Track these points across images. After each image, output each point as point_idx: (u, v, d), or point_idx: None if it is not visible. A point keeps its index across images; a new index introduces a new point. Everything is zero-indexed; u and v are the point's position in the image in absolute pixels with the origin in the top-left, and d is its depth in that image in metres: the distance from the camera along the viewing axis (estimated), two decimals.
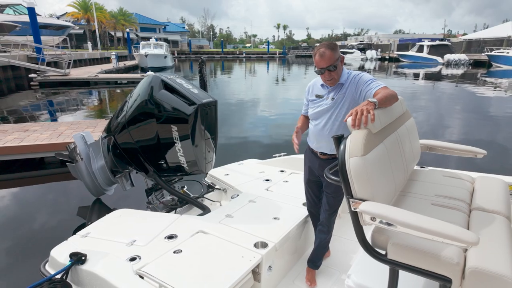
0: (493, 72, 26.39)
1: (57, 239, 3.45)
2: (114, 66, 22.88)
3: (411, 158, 1.92)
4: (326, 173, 1.56)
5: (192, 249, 2.06)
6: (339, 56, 1.89)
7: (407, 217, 1.20)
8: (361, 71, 1.96)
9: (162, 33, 63.29)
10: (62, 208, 4.19)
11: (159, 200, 3.18)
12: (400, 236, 1.34)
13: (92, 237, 2.31)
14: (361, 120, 1.46)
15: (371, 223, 1.31)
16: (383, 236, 1.40)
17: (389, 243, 1.35)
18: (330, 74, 1.89)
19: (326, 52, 1.85)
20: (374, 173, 1.39)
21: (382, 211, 1.25)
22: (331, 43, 1.90)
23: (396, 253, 1.33)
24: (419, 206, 1.62)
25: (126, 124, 2.94)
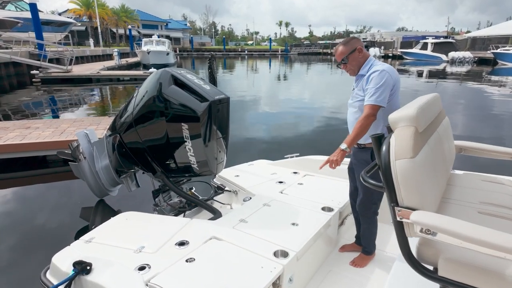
0: (499, 70, 26.09)
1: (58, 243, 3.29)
2: (116, 63, 22.72)
3: (450, 161, 1.75)
4: (363, 177, 1.39)
5: (205, 258, 1.90)
6: (353, 49, 2.07)
7: (472, 231, 1.03)
8: (379, 69, 1.97)
9: (164, 30, 63.02)
10: (64, 209, 4.04)
11: (166, 202, 3.02)
12: (454, 250, 1.17)
13: (97, 242, 2.15)
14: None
15: (421, 235, 1.14)
16: (431, 250, 1.23)
17: (441, 258, 1.18)
18: (345, 66, 2.14)
19: (338, 48, 2.12)
20: (423, 177, 1.21)
21: (442, 224, 1.07)
22: (346, 38, 2.14)
23: (450, 270, 1.16)
24: (465, 215, 1.45)
25: (133, 122, 2.77)
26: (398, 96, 2.08)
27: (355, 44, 2.09)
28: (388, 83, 1.93)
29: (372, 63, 2.07)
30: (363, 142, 2.15)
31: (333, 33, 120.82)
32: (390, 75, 1.94)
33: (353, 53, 2.08)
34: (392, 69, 2.00)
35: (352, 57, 2.09)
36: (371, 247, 2.38)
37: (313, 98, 13.26)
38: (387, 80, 1.92)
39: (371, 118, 1.95)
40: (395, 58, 43.37)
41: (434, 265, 1.25)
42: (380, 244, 2.63)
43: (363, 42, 15.91)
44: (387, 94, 1.93)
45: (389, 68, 1.98)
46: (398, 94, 2.07)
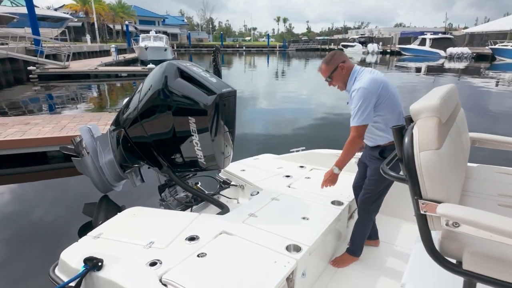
0: (497, 66, 26.12)
1: (63, 239, 3.27)
2: (114, 59, 22.51)
3: (467, 153, 1.73)
4: (383, 169, 1.36)
5: (217, 253, 1.87)
6: (335, 67, 2.06)
7: (503, 223, 1.00)
8: (357, 87, 1.96)
9: (161, 26, 62.54)
10: (66, 205, 3.99)
11: (173, 197, 2.98)
12: (480, 244, 1.14)
13: (105, 238, 2.11)
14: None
15: (448, 228, 1.11)
16: (455, 244, 1.20)
17: (466, 251, 1.15)
18: (331, 83, 2.16)
19: (321, 67, 2.13)
20: (447, 169, 1.18)
21: (472, 216, 1.05)
22: (328, 57, 2.11)
23: (476, 263, 1.13)
24: (486, 208, 1.42)
25: (138, 116, 2.72)
26: (396, 98, 2.02)
27: (336, 61, 2.06)
28: (369, 98, 1.91)
29: (356, 76, 2.04)
30: (373, 144, 2.12)
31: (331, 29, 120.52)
32: (369, 90, 1.90)
33: (336, 71, 2.07)
34: (372, 81, 1.94)
35: (336, 75, 2.08)
36: (358, 249, 2.30)
37: (315, 93, 13.19)
38: (367, 96, 1.90)
39: (356, 140, 1.99)
40: (393, 54, 43.31)
41: (458, 259, 1.22)
42: (389, 238, 2.62)
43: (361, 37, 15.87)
44: (371, 109, 1.92)
45: (368, 82, 1.93)
46: (394, 97, 2.01)
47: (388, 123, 2.00)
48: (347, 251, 2.33)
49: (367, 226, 2.26)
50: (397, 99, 2.04)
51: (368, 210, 2.18)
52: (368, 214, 2.20)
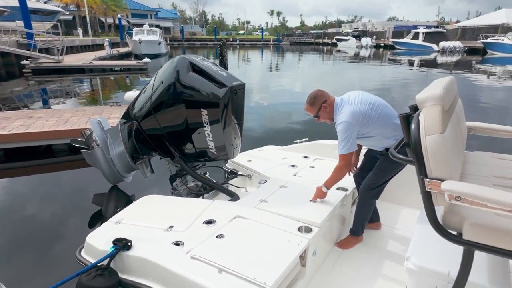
0: (488, 59, 26.54)
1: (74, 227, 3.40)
2: (108, 53, 22.31)
3: (464, 140, 1.89)
4: (392, 153, 1.51)
5: (234, 234, 2.02)
6: (318, 108, 2.26)
7: (501, 196, 1.16)
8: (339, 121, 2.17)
9: (153, 19, 61.78)
10: (75, 197, 4.10)
11: (185, 185, 3.11)
12: (479, 216, 1.31)
13: (126, 223, 2.25)
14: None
15: (452, 202, 1.27)
16: (456, 217, 1.37)
17: (466, 223, 1.31)
18: (319, 119, 2.35)
19: (307, 107, 2.32)
20: (450, 151, 1.34)
21: (473, 190, 1.20)
22: (311, 98, 2.28)
23: (474, 233, 1.29)
24: None
25: (152, 110, 2.84)
26: (384, 114, 2.18)
27: (318, 103, 2.24)
28: (351, 130, 2.12)
29: (338, 109, 2.22)
30: (380, 149, 2.31)
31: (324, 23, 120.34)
32: (349, 123, 2.11)
33: (320, 111, 2.27)
34: (351, 114, 2.12)
35: (321, 114, 2.28)
36: (359, 229, 2.47)
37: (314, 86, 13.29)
38: (348, 128, 2.12)
39: (344, 168, 2.22)
40: (387, 48, 43.59)
41: (458, 231, 1.39)
42: (389, 222, 2.80)
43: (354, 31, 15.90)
44: (353, 139, 2.15)
45: (348, 116, 2.12)
46: (381, 116, 2.16)
47: (385, 134, 2.20)
48: (350, 232, 2.51)
49: (368, 209, 2.42)
50: (386, 113, 2.19)
51: (369, 195, 2.35)
52: (369, 199, 2.37)
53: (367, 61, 26.78)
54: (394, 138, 2.19)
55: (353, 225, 2.49)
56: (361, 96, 2.22)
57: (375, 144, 2.30)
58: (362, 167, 2.56)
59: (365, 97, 2.22)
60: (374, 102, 2.19)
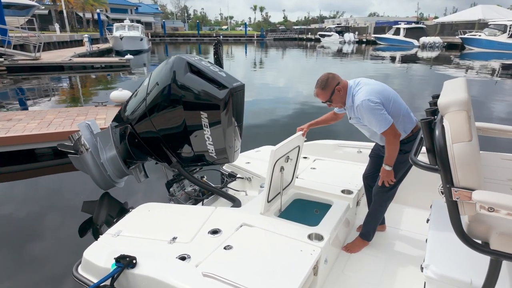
0: (466, 54, 27.34)
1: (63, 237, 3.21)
2: (88, 50, 21.58)
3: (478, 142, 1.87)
4: (413, 159, 1.45)
5: (243, 245, 1.93)
6: (332, 92, 2.13)
7: None
8: (359, 101, 2.03)
9: (134, 14, 60.19)
10: (63, 204, 3.89)
11: (183, 191, 2.99)
12: (507, 225, 1.27)
13: (125, 235, 2.11)
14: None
15: (483, 213, 1.22)
16: (482, 226, 1.33)
17: (494, 233, 1.28)
18: (330, 105, 2.23)
19: (317, 92, 2.17)
20: (478, 159, 1.29)
21: (508, 202, 1.16)
22: (322, 82, 2.13)
23: (503, 243, 1.26)
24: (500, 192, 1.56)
25: (147, 112, 2.70)
26: (397, 101, 2.12)
27: (332, 86, 2.11)
28: (377, 104, 1.99)
29: (353, 92, 2.11)
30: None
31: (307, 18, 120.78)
32: (372, 100, 1.99)
33: (334, 95, 2.14)
34: (372, 91, 2.02)
35: (335, 98, 2.15)
36: (371, 233, 2.42)
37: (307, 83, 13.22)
38: (374, 106, 1.98)
39: (395, 140, 2.05)
40: (369, 43, 44.21)
41: (483, 240, 1.35)
42: (393, 223, 2.77)
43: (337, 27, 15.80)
44: (384, 112, 2.00)
45: (370, 93, 2.01)
46: (395, 102, 2.10)
47: (397, 124, 2.10)
48: (360, 236, 2.45)
49: (381, 213, 2.39)
50: (398, 101, 2.14)
51: (384, 197, 2.31)
52: (384, 201, 2.33)
53: (351, 56, 27.06)
54: (403, 131, 2.14)
55: (363, 229, 2.44)
56: (374, 80, 2.18)
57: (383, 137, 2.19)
58: (370, 168, 2.51)
59: (379, 82, 2.17)
60: (388, 87, 2.15)
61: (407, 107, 2.20)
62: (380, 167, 2.37)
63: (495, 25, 30.36)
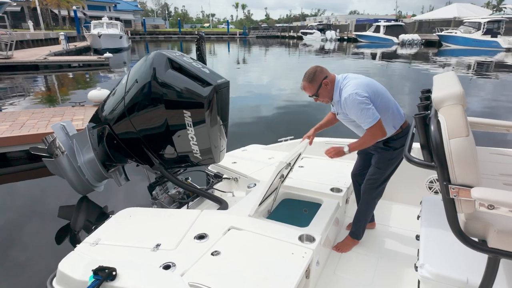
0: (444, 51, 28.13)
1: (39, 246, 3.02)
2: (64, 48, 20.81)
3: None
4: (408, 156, 1.39)
5: (231, 249, 1.83)
6: (319, 85, 2.06)
7: None
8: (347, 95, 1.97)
9: (112, 11, 58.52)
10: (37, 210, 3.67)
11: (167, 193, 2.85)
12: (506, 223, 1.23)
13: (105, 244, 1.97)
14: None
15: (482, 211, 1.17)
16: (480, 223, 1.28)
17: (492, 230, 1.23)
18: (317, 99, 2.14)
19: (304, 85, 2.10)
20: (475, 155, 1.24)
21: (510, 199, 1.11)
22: (309, 75, 2.06)
23: (502, 241, 1.22)
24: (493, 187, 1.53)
25: (125, 112, 2.55)
26: (385, 96, 2.06)
27: (319, 79, 2.04)
28: (364, 99, 1.92)
29: (340, 86, 2.04)
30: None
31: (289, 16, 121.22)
32: (360, 94, 1.92)
33: (321, 88, 2.06)
34: (360, 85, 1.96)
35: (321, 92, 2.08)
36: (360, 232, 2.37)
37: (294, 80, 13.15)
38: (361, 100, 1.92)
39: (376, 136, 1.99)
40: (350, 41, 44.77)
41: (480, 238, 1.31)
42: (382, 220, 2.74)
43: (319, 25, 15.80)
44: (371, 107, 1.93)
45: (357, 86, 1.95)
46: (383, 96, 2.04)
47: (386, 120, 2.05)
48: (350, 235, 2.40)
49: (370, 210, 2.35)
50: (387, 96, 2.09)
51: (373, 195, 2.26)
52: (372, 199, 2.28)
53: (333, 54, 27.31)
54: (392, 127, 2.09)
55: (353, 227, 2.39)
56: (362, 75, 2.11)
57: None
58: (359, 165, 2.46)
59: (367, 77, 2.10)
60: (375, 83, 2.09)
61: (396, 103, 2.15)
62: (368, 164, 2.32)
63: (469, 23, 31.38)
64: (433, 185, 2.89)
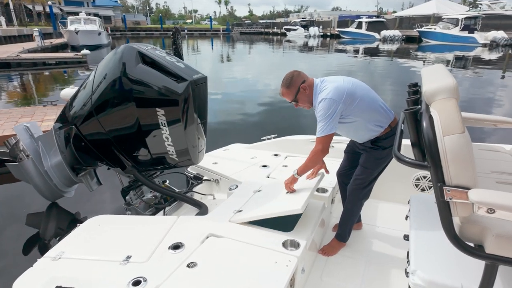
0: (424, 47, 28.68)
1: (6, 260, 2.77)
2: (39, 45, 19.94)
3: None
4: (398, 155, 1.28)
5: (209, 260, 1.68)
6: (297, 90, 1.97)
7: None
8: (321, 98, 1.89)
9: (91, 7, 56.68)
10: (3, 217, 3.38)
11: (140, 199, 2.66)
12: (504, 226, 1.13)
13: (69, 258, 1.77)
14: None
15: (481, 215, 1.06)
16: (476, 227, 1.18)
17: (489, 235, 1.13)
18: (297, 105, 2.05)
19: (282, 91, 2.02)
20: (472, 153, 1.13)
21: None
22: (287, 80, 1.99)
23: (500, 246, 1.11)
24: (486, 186, 1.44)
25: (93, 111, 2.33)
26: (367, 97, 1.96)
27: (296, 84, 1.96)
28: (334, 107, 1.84)
29: (319, 89, 1.95)
30: (362, 141, 2.08)
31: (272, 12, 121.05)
32: (332, 100, 1.84)
33: (299, 93, 1.98)
34: (335, 90, 1.86)
35: (300, 97, 1.99)
36: (346, 234, 2.27)
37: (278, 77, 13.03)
38: (331, 106, 1.84)
39: (320, 154, 1.92)
40: (333, 37, 45.03)
41: (476, 242, 1.21)
42: (368, 219, 2.65)
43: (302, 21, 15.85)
44: (335, 118, 1.86)
45: (332, 92, 1.86)
46: (365, 98, 1.94)
47: (370, 120, 1.96)
48: (336, 237, 2.29)
49: (357, 212, 2.24)
50: (370, 96, 1.98)
51: (359, 196, 2.15)
52: (359, 200, 2.17)
53: (316, 50, 27.38)
54: (378, 126, 1.99)
55: (339, 229, 2.28)
56: (342, 77, 2.00)
57: (358, 134, 2.06)
58: (345, 165, 2.35)
59: (347, 77, 2.00)
60: (358, 83, 1.98)
61: (382, 101, 2.04)
62: (355, 164, 2.21)
63: (448, 19, 32.09)
64: (420, 182, 2.82)
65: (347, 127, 2.01)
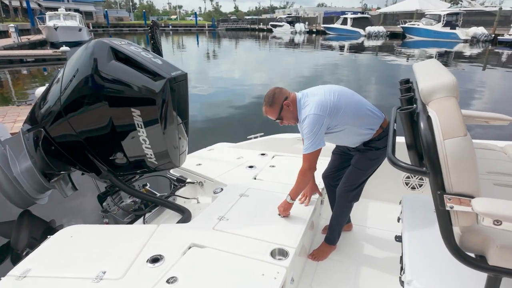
0: (408, 43, 29.05)
1: None
2: (15, 41, 19.14)
3: None
4: (393, 160, 1.17)
5: (190, 274, 1.54)
6: (280, 108, 1.89)
7: None
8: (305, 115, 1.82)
9: (71, 3, 54.81)
10: None
11: (118, 206, 2.49)
12: (510, 237, 1.03)
13: (34, 276, 1.60)
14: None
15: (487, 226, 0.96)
16: (477, 237, 1.09)
17: (493, 246, 1.04)
18: (282, 122, 1.98)
19: (266, 110, 1.94)
20: (475, 158, 1.03)
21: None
22: (269, 98, 1.90)
23: (505, 258, 1.02)
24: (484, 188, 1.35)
25: (62, 111, 2.15)
26: (354, 103, 1.89)
27: (279, 101, 1.88)
28: (319, 123, 1.78)
29: (302, 105, 1.88)
30: (354, 145, 2.00)
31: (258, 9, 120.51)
32: (318, 115, 1.78)
33: (283, 111, 1.90)
34: (318, 105, 1.79)
35: (284, 115, 1.92)
36: (336, 237, 2.19)
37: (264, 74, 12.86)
38: (317, 122, 1.78)
39: (308, 172, 1.87)
40: (319, 33, 45.15)
41: (478, 253, 1.12)
42: (358, 220, 2.56)
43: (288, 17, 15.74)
44: (321, 133, 1.81)
45: (315, 108, 1.79)
46: (351, 105, 1.87)
47: (360, 125, 1.89)
48: (325, 241, 2.20)
49: (346, 215, 2.15)
50: (355, 102, 1.90)
51: (349, 198, 2.05)
52: (349, 202, 2.08)
53: (303, 46, 27.35)
54: (369, 129, 1.89)
55: (329, 233, 2.18)
56: (323, 88, 1.90)
57: (349, 140, 1.98)
58: (333, 166, 2.24)
59: (329, 87, 1.90)
60: (340, 91, 1.88)
61: (369, 104, 1.94)
62: (344, 165, 2.11)
63: (430, 15, 32.57)
64: (410, 180, 2.75)
65: (337, 135, 1.92)
